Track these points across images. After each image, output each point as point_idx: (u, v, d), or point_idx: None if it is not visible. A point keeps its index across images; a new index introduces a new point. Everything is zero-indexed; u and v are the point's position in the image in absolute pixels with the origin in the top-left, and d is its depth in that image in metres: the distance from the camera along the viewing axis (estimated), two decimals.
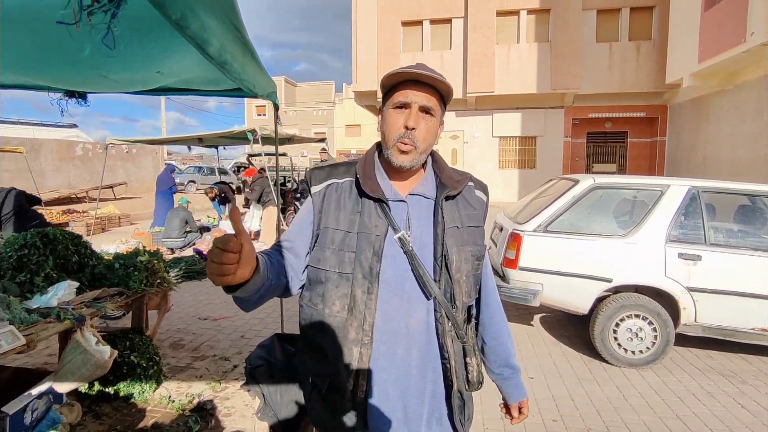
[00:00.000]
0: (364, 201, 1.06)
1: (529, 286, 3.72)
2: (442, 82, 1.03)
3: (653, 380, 3.31)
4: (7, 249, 2.68)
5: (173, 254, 7.35)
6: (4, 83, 2.55)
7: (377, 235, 1.02)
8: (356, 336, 1.01)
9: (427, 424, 1.07)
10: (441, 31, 15.04)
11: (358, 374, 1.01)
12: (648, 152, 14.96)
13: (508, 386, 1.24)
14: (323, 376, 1.05)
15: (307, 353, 1.11)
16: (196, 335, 4.04)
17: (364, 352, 1.01)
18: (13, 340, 1.99)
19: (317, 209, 1.08)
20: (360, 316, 1.01)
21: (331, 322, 1.03)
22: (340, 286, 1.03)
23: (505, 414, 1.28)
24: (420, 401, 1.05)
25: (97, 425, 2.56)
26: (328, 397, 1.05)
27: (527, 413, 1.25)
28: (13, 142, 13.70)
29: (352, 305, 1.01)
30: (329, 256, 1.03)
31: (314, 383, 1.08)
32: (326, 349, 1.04)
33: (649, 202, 3.64)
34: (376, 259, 1.01)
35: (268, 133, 7.30)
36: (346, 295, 1.02)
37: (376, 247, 1.01)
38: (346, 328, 1.02)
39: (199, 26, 1.27)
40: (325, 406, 1.07)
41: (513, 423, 1.27)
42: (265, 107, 37.46)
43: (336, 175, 1.12)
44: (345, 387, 1.02)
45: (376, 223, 1.03)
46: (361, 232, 1.03)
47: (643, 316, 3.49)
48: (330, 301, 1.03)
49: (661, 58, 12.96)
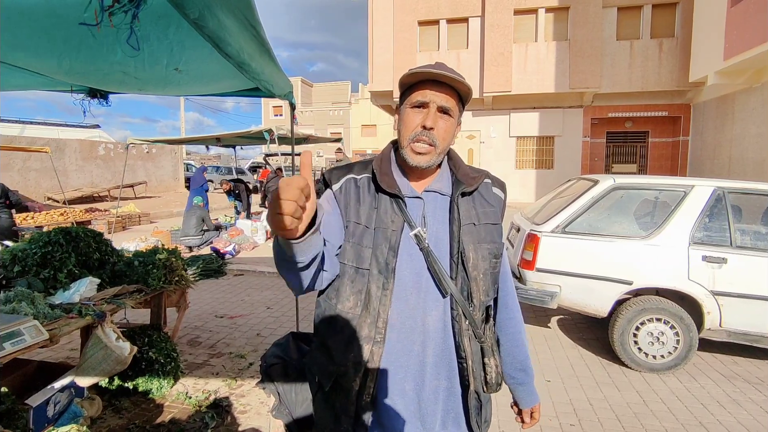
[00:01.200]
0: (380, 197, 1.05)
1: (546, 287, 3.66)
2: (462, 82, 1.01)
3: (675, 386, 3.22)
4: (32, 246, 2.75)
5: (191, 252, 7.46)
6: (28, 84, 2.61)
7: (393, 230, 1.01)
8: (368, 333, 1.00)
9: (443, 423, 1.05)
10: (458, 31, 14.94)
11: (366, 374, 0.99)
12: (670, 152, 14.60)
13: (522, 391, 1.22)
14: (329, 374, 1.03)
15: (319, 351, 1.10)
16: (213, 333, 4.09)
17: (376, 351, 0.99)
18: (36, 335, 2.04)
19: (342, 205, 1.07)
20: (374, 312, 1.00)
21: (344, 318, 1.02)
22: (355, 282, 1.02)
23: (517, 417, 1.26)
24: (434, 398, 1.03)
25: (116, 419, 2.61)
26: (331, 397, 1.03)
27: (539, 418, 1.23)
28: (39, 142, 14.12)
29: (367, 301, 1.00)
30: (348, 250, 1.03)
31: (320, 383, 1.06)
32: (335, 345, 1.03)
33: (672, 203, 3.54)
34: (392, 254, 1.00)
35: (284, 132, 7.36)
36: (361, 291, 1.01)
37: (392, 242, 1.01)
38: (359, 324, 1.00)
39: (217, 25, 1.28)
40: (327, 407, 1.04)
41: (524, 428, 1.25)
42: (281, 107, 37.78)
43: (353, 172, 1.12)
44: (350, 387, 1.00)
45: (392, 218, 1.03)
46: (378, 227, 1.02)
47: (665, 320, 3.40)
48: (344, 297, 1.02)
49: (685, 56, 12.64)
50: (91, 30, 1.12)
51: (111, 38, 1.30)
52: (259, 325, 4.32)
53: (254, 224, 8.73)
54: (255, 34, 1.56)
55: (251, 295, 5.39)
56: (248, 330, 4.18)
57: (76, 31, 1.33)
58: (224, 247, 7.37)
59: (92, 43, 1.49)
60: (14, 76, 2.22)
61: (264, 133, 7.25)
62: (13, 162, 13.65)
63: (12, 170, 13.67)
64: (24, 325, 2.01)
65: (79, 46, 1.54)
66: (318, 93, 41.84)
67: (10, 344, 1.91)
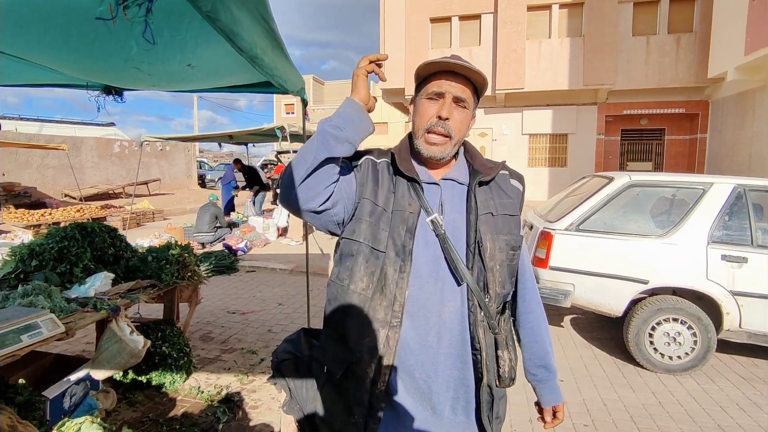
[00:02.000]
0: (398, 180, 1.05)
1: (559, 286, 3.61)
2: (477, 73, 1.01)
3: (693, 388, 3.15)
4: (49, 241, 2.80)
5: (204, 249, 7.54)
6: (44, 81, 2.65)
7: (410, 212, 1.01)
8: (384, 316, 0.97)
9: (452, 410, 1.03)
10: (470, 28, 14.81)
11: (381, 360, 0.97)
12: (687, 150, 14.31)
13: (544, 389, 1.19)
14: (341, 361, 1.00)
15: (329, 338, 1.07)
16: (225, 328, 4.12)
17: (392, 336, 0.97)
18: (53, 328, 2.07)
19: (358, 180, 1.06)
20: (390, 295, 0.98)
21: (355, 300, 1.00)
22: (369, 262, 1.00)
23: (539, 417, 1.23)
24: (446, 386, 1.02)
25: (130, 412, 2.64)
26: (343, 385, 1.00)
27: (562, 418, 1.19)
28: (57, 139, 14.40)
29: (383, 284, 0.98)
30: (365, 229, 1.01)
31: (329, 372, 1.03)
32: (348, 330, 1.00)
33: (690, 201, 3.46)
34: (409, 236, 0.99)
35: (296, 129, 7.39)
36: (374, 273, 0.99)
37: (409, 224, 1.00)
38: (373, 307, 0.98)
39: (230, 18, 1.28)
40: (339, 397, 1.01)
41: (546, 428, 1.21)
42: (293, 105, 37.95)
43: (373, 155, 1.11)
44: (365, 374, 0.97)
45: (409, 201, 1.02)
46: (395, 210, 1.01)
47: (682, 320, 3.33)
48: (357, 277, 1.00)
49: (703, 52, 12.35)
50: (106, 24, 1.13)
51: (125, 33, 1.30)
52: (271, 321, 4.34)
53: (266, 221, 8.78)
54: (267, 28, 1.56)
55: (263, 291, 5.43)
56: (260, 326, 4.20)
57: (91, 27, 1.34)
58: (236, 243, 7.43)
59: (107, 39, 1.50)
60: (30, 71, 2.25)
61: (276, 131, 7.30)
62: (32, 159, 13.93)
63: (31, 167, 13.96)
64: (41, 318, 2.04)
65: (94, 42, 1.55)
66: (329, 91, 41.92)
67: (27, 336, 1.94)
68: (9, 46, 1.90)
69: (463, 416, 1.04)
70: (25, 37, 1.59)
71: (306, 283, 3.53)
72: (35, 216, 8.92)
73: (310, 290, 3.59)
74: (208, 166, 26.06)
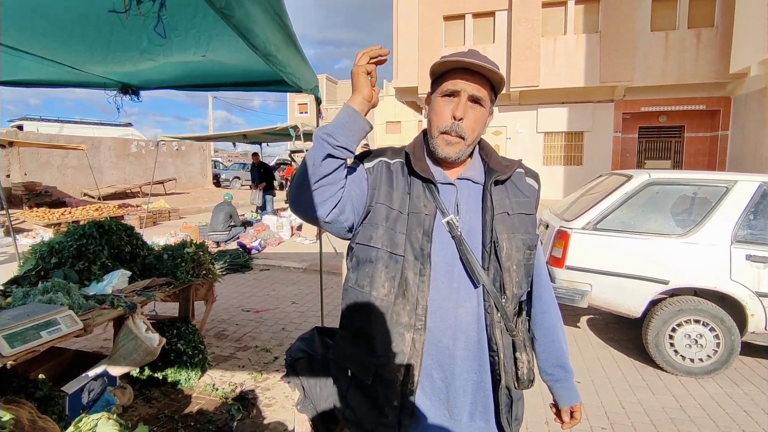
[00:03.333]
0: (413, 181, 1.03)
1: (576, 286, 3.54)
2: (494, 71, 0.98)
3: (715, 391, 3.07)
4: (68, 238, 2.84)
5: (218, 247, 7.61)
6: (64, 80, 2.69)
7: (426, 214, 0.99)
8: (409, 320, 0.97)
9: (470, 416, 1.01)
10: (484, 25, 14.68)
11: (410, 363, 0.96)
12: (707, 148, 13.96)
13: (560, 389, 1.16)
14: (368, 366, 1.00)
15: (349, 342, 1.07)
16: (239, 326, 4.15)
17: (417, 338, 0.96)
18: (72, 324, 2.10)
19: (370, 184, 1.04)
20: (413, 299, 0.97)
21: (378, 305, 0.99)
22: (389, 267, 0.99)
23: (556, 418, 1.20)
24: (463, 391, 1.00)
25: (147, 408, 2.67)
26: (373, 390, 1.00)
27: (580, 418, 1.17)
28: (76, 140, 14.69)
29: (404, 288, 0.97)
30: (382, 234, 1.00)
31: (354, 376, 1.04)
32: (374, 336, 0.99)
33: (713, 200, 3.36)
34: (426, 239, 0.97)
35: (309, 129, 7.41)
36: (395, 278, 0.98)
37: (426, 226, 0.98)
38: (396, 312, 0.97)
39: (244, 15, 1.27)
40: (368, 401, 1.01)
41: (564, 428, 1.19)
42: (306, 105, 38.16)
43: (386, 156, 1.10)
44: (394, 378, 0.97)
45: (424, 203, 1.00)
46: (411, 212, 1.00)
47: (704, 322, 3.24)
48: (378, 283, 0.99)
49: (725, 46, 12.03)
50: (120, 18, 1.13)
51: (138, 26, 1.30)
52: (285, 319, 4.36)
53: (279, 220, 8.83)
54: (281, 23, 1.55)
55: (277, 289, 5.45)
56: (274, 324, 4.22)
57: (106, 20, 1.35)
58: (251, 242, 7.49)
59: (121, 32, 1.51)
60: (49, 69, 2.28)
61: (290, 130, 7.32)
62: (52, 159, 14.25)
63: (51, 167, 14.29)
64: (60, 315, 2.08)
65: (110, 34, 1.56)
66: (343, 90, 42.04)
67: (47, 333, 1.97)
68: (29, 44, 1.93)
69: (481, 422, 1.02)
70: (42, 31, 1.61)
71: (320, 282, 3.53)
72: (55, 215, 9.12)
73: (324, 289, 3.58)
74: (222, 165, 26.36)
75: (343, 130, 0.95)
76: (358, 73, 0.97)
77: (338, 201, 0.97)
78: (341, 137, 0.94)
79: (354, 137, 0.96)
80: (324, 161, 0.93)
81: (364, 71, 0.97)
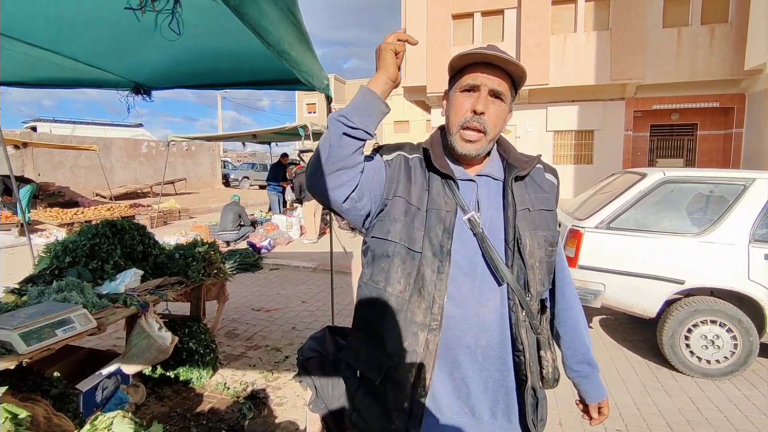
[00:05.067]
0: (432, 178, 1.01)
1: (589, 285, 3.49)
2: (516, 64, 0.95)
3: (733, 393, 3.01)
4: (81, 238, 2.87)
5: (228, 247, 7.65)
6: (78, 80, 2.71)
7: (447, 211, 0.97)
8: (423, 319, 0.94)
9: (492, 413, 0.99)
10: (493, 23, 14.59)
11: (422, 365, 0.93)
12: (721, 146, 13.74)
13: (587, 385, 1.14)
14: (378, 366, 0.97)
15: (361, 341, 1.04)
16: (250, 325, 4.16)
17: (431, 339, 0.94)
18: (86, 323, 2.11)
19: (389, 176, 1.02)
20: (429, 297, 0.94)
21: (393, 302, 0.96)
22: (406, 263, 0.96)
23: (583, 414, 1.18)
24: (484, 388, 0.98)
25: (159, 406, 2.69)
26: (381, 391, 0.97)
27: (608, 414, 1.15)
28: (88, 140, 14.88)
29: (421, 285, 0.94)
30: (400, 229, 0.97)
31: (364, 378, 1.01)
32: (385, 334, 0.97)
33: (730, 198, 3.30)
34: (447, 236, 0.95)
35: (318, 128, 7.42)
36: (411, 275, 0.95)
37: (446, 223, 0.96)
38: (411, 310, 0.95)
39: (258, 12, 1.27)
40: (375, 403, 0.98)
41: (593, 424, 1.17)
42: (315, 105, 38.25)
43: (404, 150, 1.07)
44: (405, 380, 0.94)
45: (445, 200, 0.98)
46: (430, 209, 0.97)
47: (721, 323, 3.18)
48: (394, 279, 0.97)
49: (740, 42, 11.82)
50: (136, 14, 1.13)
51: (152, 23, 1.30)
52: (295, 318, 4.36)
53: (289, 219, 8.86)
54: (294, 21, 1.54)
55: (286, 288, 5.46)
56: (284, 323, 4.23)
57: (120, 16, 1.35)
58: (260, 241, 7.51)
59: (135, 28, 1.51)
60: (63, 70, 2.30)
61: (299, 129, 7.34)
62: (65, 160, 14.45)
63: (64, 168, 14.48)
64: (74, 313, 2.09)
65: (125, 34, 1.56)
66: (351, 90, 42.04)
67: (61, 331, 1.98)
68: (45, 40, 1.93)
69: (504, 420, 1.00)
70: (59, 28, 1.61)
71: (330, 281, 3.52)
72: (68, 214, 9.23)
73: (334, 288, 3.58)
74: (231, 165, 26.51)
75: (358, 112, 0.91)
76: (386, 49, 0.93)
77: (356, 186, 0.94)
78: (356, 119, 0.90)
79: (371, 118, 0.92)
80: (342, 142, 0.89)
81: (393, 48, 0.93)
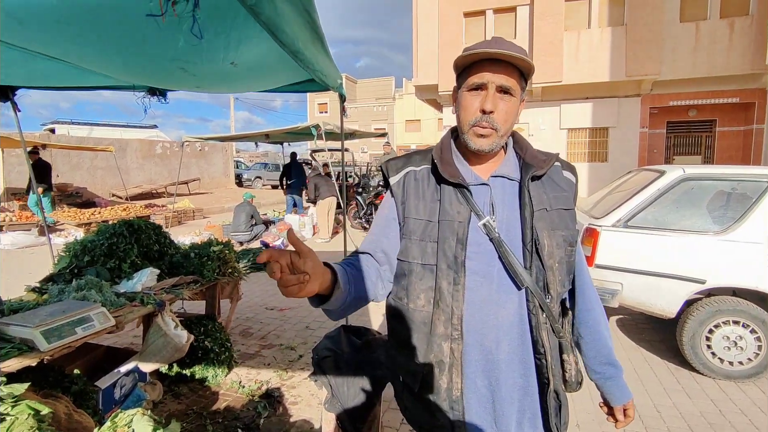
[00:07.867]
0: (443, 188, 0.99)
1: (606, 285, 3.44)
2: (522, 59, 0.93)
3: (757, 396, 2.93)
4: (99, 237, 2.91)
5: (242, 246, 7.71)
6: (94, 84, 2.75)
7: (460, 221, 0.95)
8: (445, 331, 0.95)
9: (518, 425, 0.98)
10: (505, 21, 14.46)
11: (451, 371, 0.95)
12: (741, 142, 13.42)
13: (612, 387, 1.12)
14: (414, 374, 1.00)
15: (397, 349, 1.07)
16: (264, 324, 4.19)
17: (455, 348, 0.94)
18: (104, 321, 2.14)
19: (399, 201, 1.03)
20: (447, 309, 0.94)
21: (416, 317, 0.98)
22: (424, 279, 0.97)
23: (608, 417, 1.16)
24: (510, 398, 0.96)
25: (176, 404, 2.71)
26: (422, 396, 1.00)
27: (633, 416, 1.13)
28: (104, 142, 15.14)
29: (438, 298, 0.95)
30: (411, 247, 0.98)
31: (405, 382, 1.04)
32: (415, 345, 0.99)
33: (753, 195, 3.21)
34: (461, 247, 0.94)
35: (331, 128, 7.43)
36: (431, 288, 0.96)
37: (459, 234, 0.94)
38: (433, 322, 0.96)
39: (273, 11, 1.26)
40: (420, 406, 1.01)
41: (618, 427, 1.15)
42: (326, 104, 38.38)
43: (412, 163, 1.06)
44: (439, 385, 0.96)
45: (458, 209, 0.96)
46: (442, 220, 0.96)
47: (744, 323, 3.10)
48: (414, 295, 0.98)
49: (761, 36, 11.52)
50: (156, 21, 1.14)
51: (173, 29, 1.30)
52: (308, 317, 4.37)
53: (302, 219, 8.90)
54: (309, 20, 1.54)
55: None
56: (297, 322, 4.24)
57: (140, 25, 1.36)
58: (273, 241, 7.56)
59: (156, 37, 1.53)
60: (82, 75, 2.33)
61: (311, 129, 7.35)
62: (82, 161, 14.74)
63: (82, 169, 14.77)
64: (93, 312, 2.12)
65: (144, 42, 1.57)
66: (362, 90, 42.13)
67: (81, 329, 2.01)
68: (62, 51, 1.97)
69: (530, 429, 0.99)
70: (76, 39, 1.64)
71: None
72: (86, 214, 9.39)
73: None
74: (244, 165, 26.73)
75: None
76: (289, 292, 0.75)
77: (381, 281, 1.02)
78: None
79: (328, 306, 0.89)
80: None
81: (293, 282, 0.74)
